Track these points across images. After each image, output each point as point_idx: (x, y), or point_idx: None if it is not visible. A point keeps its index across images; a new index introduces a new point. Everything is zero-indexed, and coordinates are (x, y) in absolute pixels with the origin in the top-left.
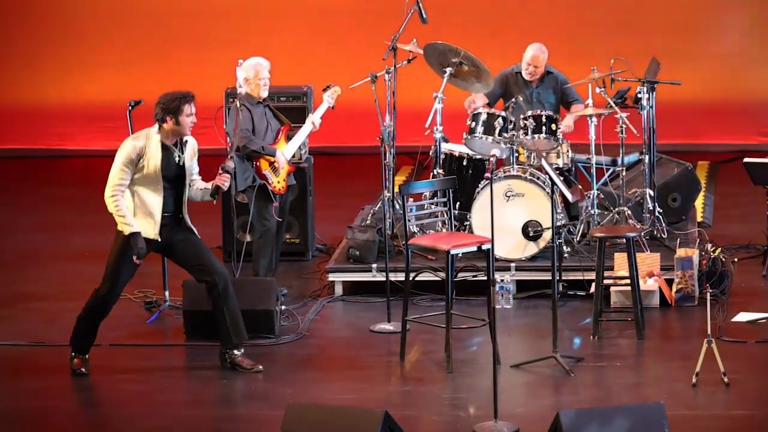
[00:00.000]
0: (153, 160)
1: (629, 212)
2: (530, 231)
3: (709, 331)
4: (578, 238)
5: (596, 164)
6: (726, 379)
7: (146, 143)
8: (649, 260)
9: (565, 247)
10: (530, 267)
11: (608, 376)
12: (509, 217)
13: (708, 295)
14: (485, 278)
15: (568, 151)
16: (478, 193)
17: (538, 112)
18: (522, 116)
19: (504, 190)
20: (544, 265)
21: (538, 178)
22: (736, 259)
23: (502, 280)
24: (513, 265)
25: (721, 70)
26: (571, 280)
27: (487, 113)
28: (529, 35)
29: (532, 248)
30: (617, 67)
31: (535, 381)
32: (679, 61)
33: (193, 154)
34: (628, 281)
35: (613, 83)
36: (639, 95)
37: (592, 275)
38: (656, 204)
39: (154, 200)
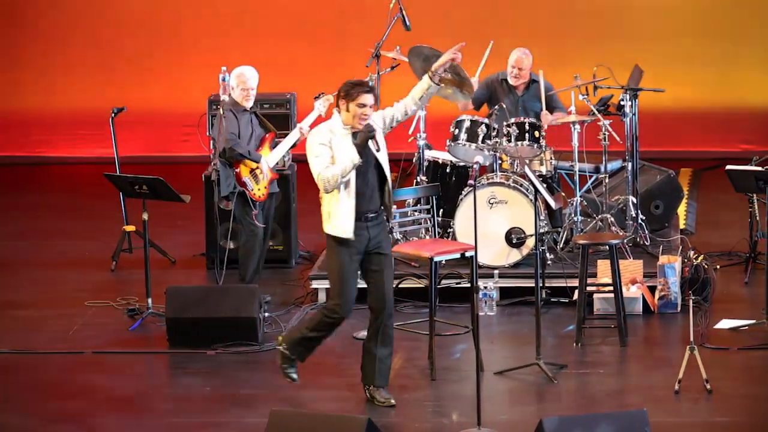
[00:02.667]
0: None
1: (612, 219)
2: (513, 238)
3: (691, 338)
4: (561, 245)
5: (579, 171)
6: (708, 386)
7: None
8: (631, 267)
9: (548, 254)
10: (513, 274)
11: (591, 383)
12: (492, 224)
13: (690, 302)
14: (468, 285)
15: (551, 159)
16: (461, 200)
17: (522, 119)
18: (505, 123)
19: (487, 197)
20: (527, 272)
21: (521, 185)
22: (718, 266)
23: (485, 287)
24: (496, 272)
25: (703, 78)
26: (554, 287)
27: (471, 120)
28: (511, 43)
29: (515, 255)
30: (600, 74)
31: (518, 388)
32: (662, 69)
33: None
34: (611, 288)
35: (596, 90)
36: (622, 102)
37: (575, 282)
38: (639, 211)
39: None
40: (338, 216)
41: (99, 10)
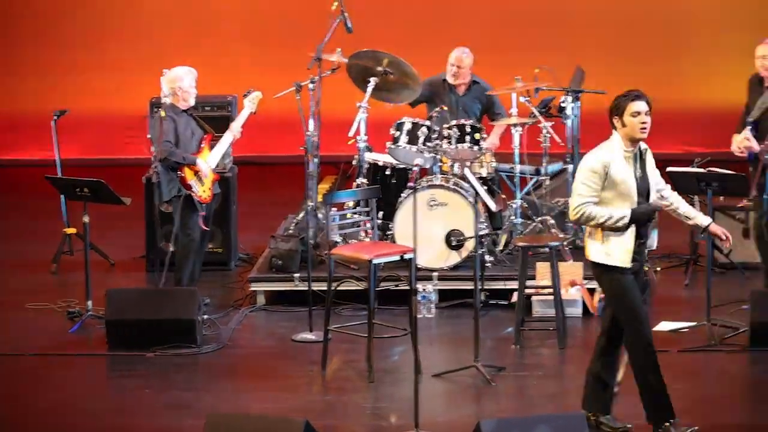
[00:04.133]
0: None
1: (552, 221)
2: (453, 240)
3: None
4: (501, 248)
5: (520, 173)
6: None
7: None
8: (571, 269)
9: (487, 257)
10: (453, 276)
11: (530, 386)
12: (432, 227)
13: None
14: (407, 287)
15: (491, 161)
16: (401, 202)
17: (462, 121)
18: (446, 125)
19: (427, 200)
20: (466, 275)
21: (461, 188)
22: (658, 269)
23: (424, 290)
24: (435, 274)
25: (644, 80)
26: (494, 289)
27: (412, 123)
28: (452, 44)
29: (454, 257)
30: (541, 76)
31: (456, 390)
32: (603, 71)
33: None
34: (550, 290)
35: (538, 92)
36: (563, 104)
37: (514, 284)
38: None
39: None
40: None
41: (41, 12)
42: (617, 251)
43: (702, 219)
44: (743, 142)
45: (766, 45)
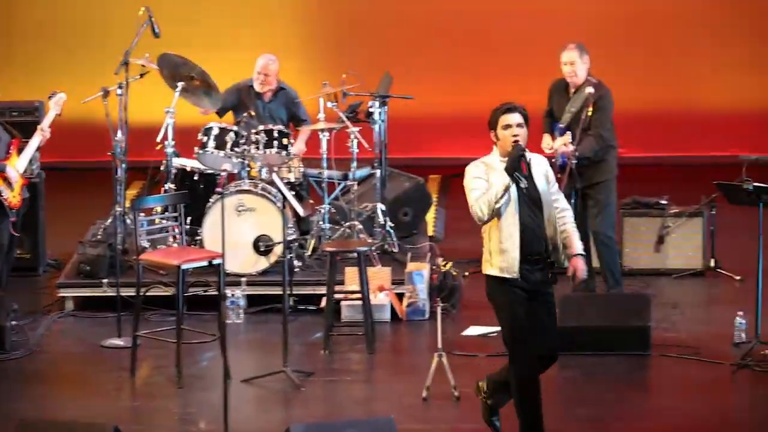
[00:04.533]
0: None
1: (360, 226)
2: (261, 245)
3: (439, 345)
4: (309, 253)
5: (328, 178)
6: (456, 393)
7: None
8: (379, 275)
9: (296, 262)
10: (261, 281)
11: (339, 391)
12: (240, 232)
13: (438, 309)
14: (216, 293)
15: (299, 166)
16: (209, 207)
17: (270, 126)
18: (254, 131)
19: (235, 205)
20: (275, 280)
21: (269, 193)
22: (467, 273)
23: (232, 295)
24: (244, 279)
25: (452, 86)
26: (302, 294)
27: (219, 128)
28: (259, 49)
29: (263, 263)
30: (349, 81)
31: (265, 395)
32: (412, 76)
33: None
34: (358, 295)
35: (345, 97)
36: (371, 109)
37: (322, 290)
38: (387, 218)
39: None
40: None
41: None
42: (503, 261)
43: (575, 247)
44: (562, 147)
45: (570, 51)
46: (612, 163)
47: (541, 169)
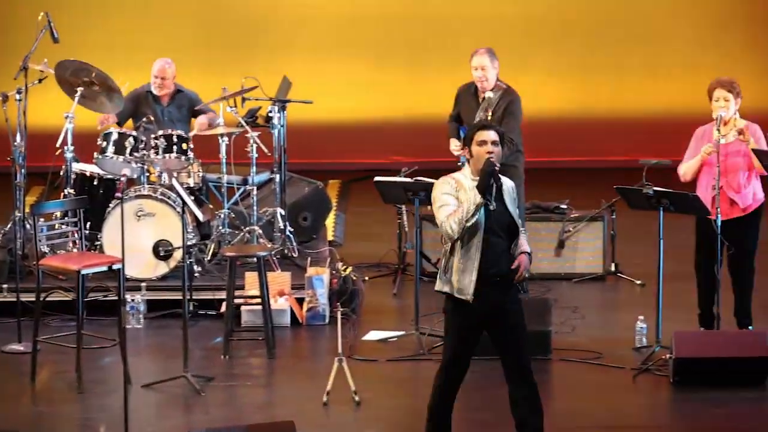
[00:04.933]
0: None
1: (260, 231)
2: (161, 250)
3: (339, 350)
4: (209, 258)
5: (227, 183)
6: (357, 398)
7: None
8: (279, 279)
9: (195, 267)
10: (161, 286)
11: (239, 395)
12: (140, 237)
13: (339, 313)
14: (116, 298)
15: (199, 171)
16: (108, 212)
17: (169, 131)
18: (153, 136)
19: (135, 210)
20: (174, 285)
21: (168, 198)
22: (367, 278)
23: (132, 300)
24: (144, 284)
25: (349, 88)
26: (202, 299)
27: (119, 133)
28: (156, 53)
29: (162, 268)
30: (248, 85)
31: (166, 400)
32: (312, 81)
33: None
34: (258, 300)
35: (244, 102)
36: (270, 114)
37: (222, 294)
38: (287, 223)
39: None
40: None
41: None
42: (458, 282)
43: (523, 245)
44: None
45: (481, 56)
46: (521, 169)
47: (510, 194)
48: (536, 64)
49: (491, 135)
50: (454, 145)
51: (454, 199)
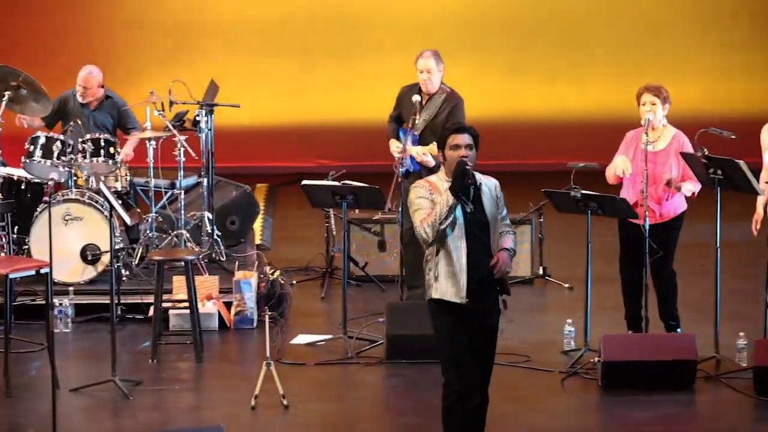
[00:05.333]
0: None
1: (188, 235)
2: (89, 254)
3: (268, 354)
4: (137, 261)
5: (155, 187)
6: (285, 402)
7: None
8: (207, 283)
9: (123, 271)
10: (89, 290)
11: (167, 399)
12: (68, 241)
13: (267, 317)
14: (44, 302)
15: (126, 174)
16: (36, 216)
17: (97, 135)
18: (80, 140)
19: (63, 214)
20: (102, 289)
21: (96, 202)
22: (294, 282)
23: (60, 304)
24: (72, 288)
25: (277, 91)
26: (130, 303)
27: (46, 137)
28: (83, 57)
29: (90, 272)
30: (176, 90)
31: (94, 405)
32: (239, 85)
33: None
34: (186, 304)
35: (172, 106)
36: (198, 118)
37: (150, 298)
38: (215, 227)
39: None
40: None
41: None
42: (452, 285)
43: (506, 241)
44: (421, 156)
45: (426, 59)
46: None
47: (490, 193)
48: (464, 65)
49: (465, 138)
50: (395, 146)
51: (429, 202)
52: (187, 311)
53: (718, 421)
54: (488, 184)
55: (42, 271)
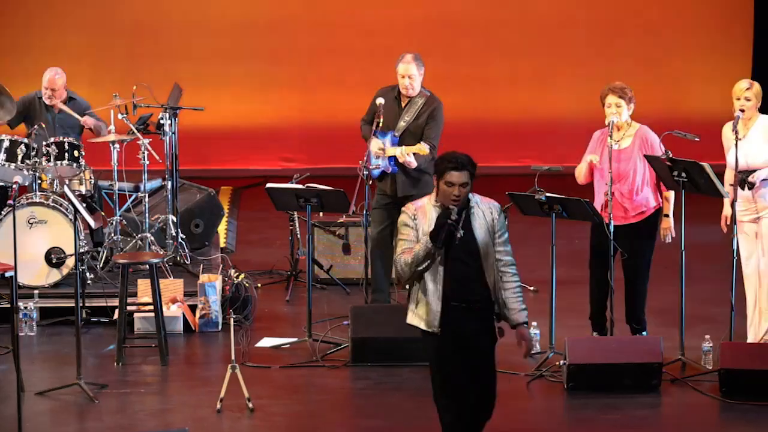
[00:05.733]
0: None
1: (152, 238)
2: (53, 258)
3: (233, 357)
4: (102, 265)
5: (119, 190)
6: (251, 405)
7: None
8: (172, 286)
9: (88, 274)
10: (54, 294)
11: (133, 403)
12: (32, 244)
13: (231, 320)
14: (8, 305)
15: (90, 178)
16: (0, 220)
17: (61, 138)
18: (45, 143)
19: (27, 217)
20: (67, 292)
21: (60, 205)
22: (259, 285)
23: (25, 307)
24: (36, 292)
25: (240, 94)
26: (95, 306)
27: (10, 140)
28: (46, 60)
29: (55, 275)
30: (139, 93)
31: (59, 408)
32: (201, 87)
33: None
34: (151, 307)
35: (136, 109)
36: (161, 121)
37: (115, 302)
38: (179, 230)
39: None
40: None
41: None
42: (425, 314)
43: (517, 315)
44: (404, 157)
45: (408, 64)
46: None
47: (484, 217)
48: (428, 69)
49: (461, 177)
50: (377, 147)
51: (413, 232)
52: (152, 314)
53: (684, 423)
54: (483, 208)
55: (6, 274)
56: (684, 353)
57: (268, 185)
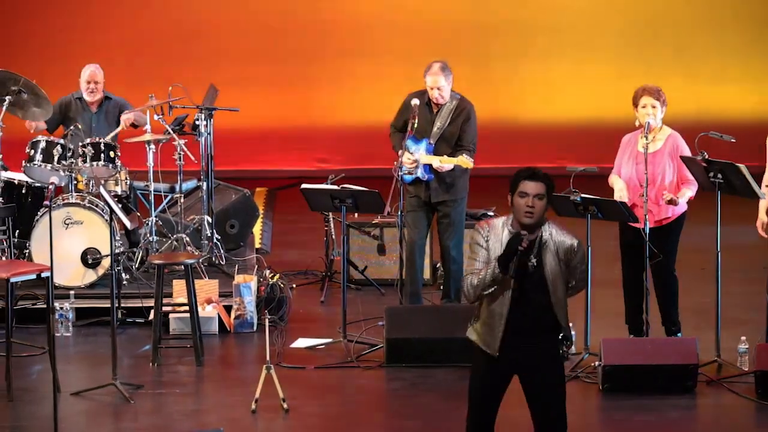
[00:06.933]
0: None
1: (187, 239)
2: (89, 258)
3: (268, 357)
4: (137, 265)
5: (155, 191)
6: (285, 405)
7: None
8: (207, 287)
9: (124, 275)
10: (90, 294)
11: (168, 403)
12: (69, 245)
13: (266, 321)
14: (45, 306)
15: (126, 178)
16: (37, 220)
17: (97, 139)
18: (81, 144)
19: (63, 218)
20: (103, 293)
21: (96, 206)
22: (294, 285)
23: (61, 308)
24: (72, 292)
25: (276, 95)
26: (130, 307)
27: (46, 141)
28: (83, 62)
29: (91, 275)
30: (175, 93)
31: (95, 408)
32: (237, 88)
33: None
34: (186, 308)
35: (171, 110)
36: (197, 122)
37: (151, 302)
38: (214, 230)
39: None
40: None
41: None
42: (486, 334)
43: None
44: (443, 167)
45: (436, 76)
46: (467, 180)
47: (556, 250)
48: (461, 71)
49: (536, 188)
50: (409, 162)
51: (484, 251)
52: (188, 315)
53: (719, 425)
54: (557, 241)
55: (43, 275)
56: (720, 355)
57: (303, 186)
